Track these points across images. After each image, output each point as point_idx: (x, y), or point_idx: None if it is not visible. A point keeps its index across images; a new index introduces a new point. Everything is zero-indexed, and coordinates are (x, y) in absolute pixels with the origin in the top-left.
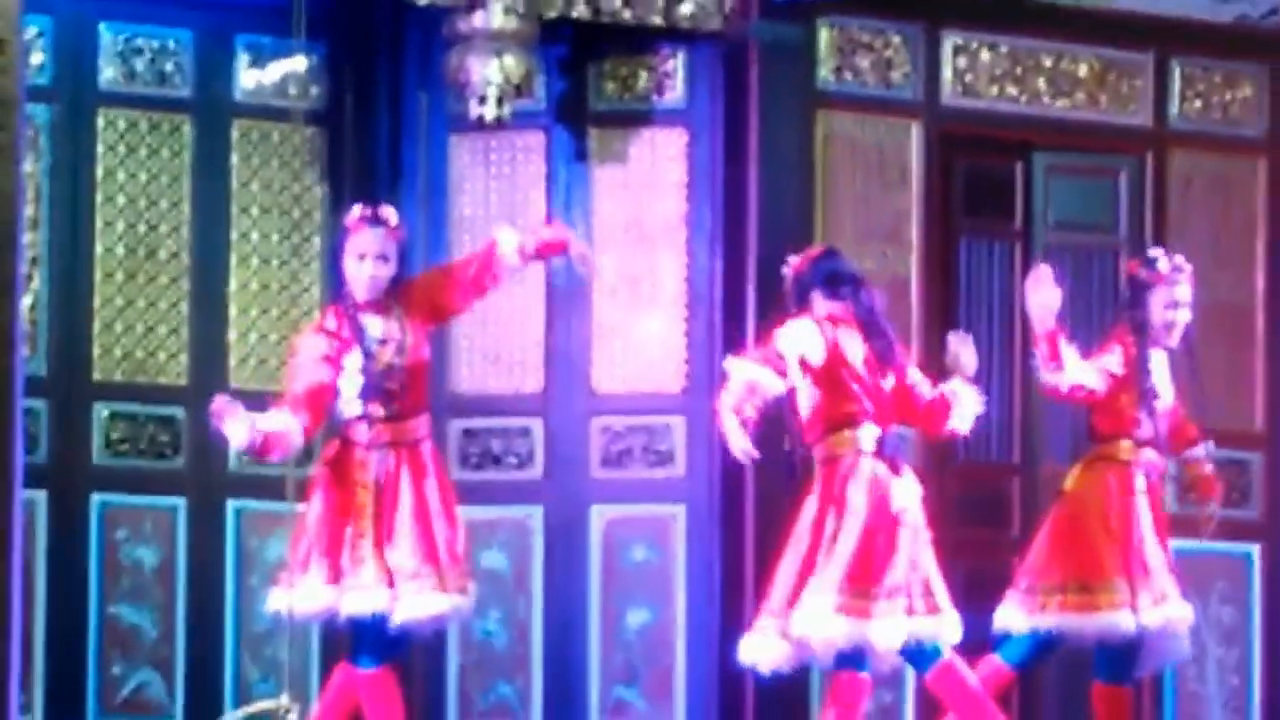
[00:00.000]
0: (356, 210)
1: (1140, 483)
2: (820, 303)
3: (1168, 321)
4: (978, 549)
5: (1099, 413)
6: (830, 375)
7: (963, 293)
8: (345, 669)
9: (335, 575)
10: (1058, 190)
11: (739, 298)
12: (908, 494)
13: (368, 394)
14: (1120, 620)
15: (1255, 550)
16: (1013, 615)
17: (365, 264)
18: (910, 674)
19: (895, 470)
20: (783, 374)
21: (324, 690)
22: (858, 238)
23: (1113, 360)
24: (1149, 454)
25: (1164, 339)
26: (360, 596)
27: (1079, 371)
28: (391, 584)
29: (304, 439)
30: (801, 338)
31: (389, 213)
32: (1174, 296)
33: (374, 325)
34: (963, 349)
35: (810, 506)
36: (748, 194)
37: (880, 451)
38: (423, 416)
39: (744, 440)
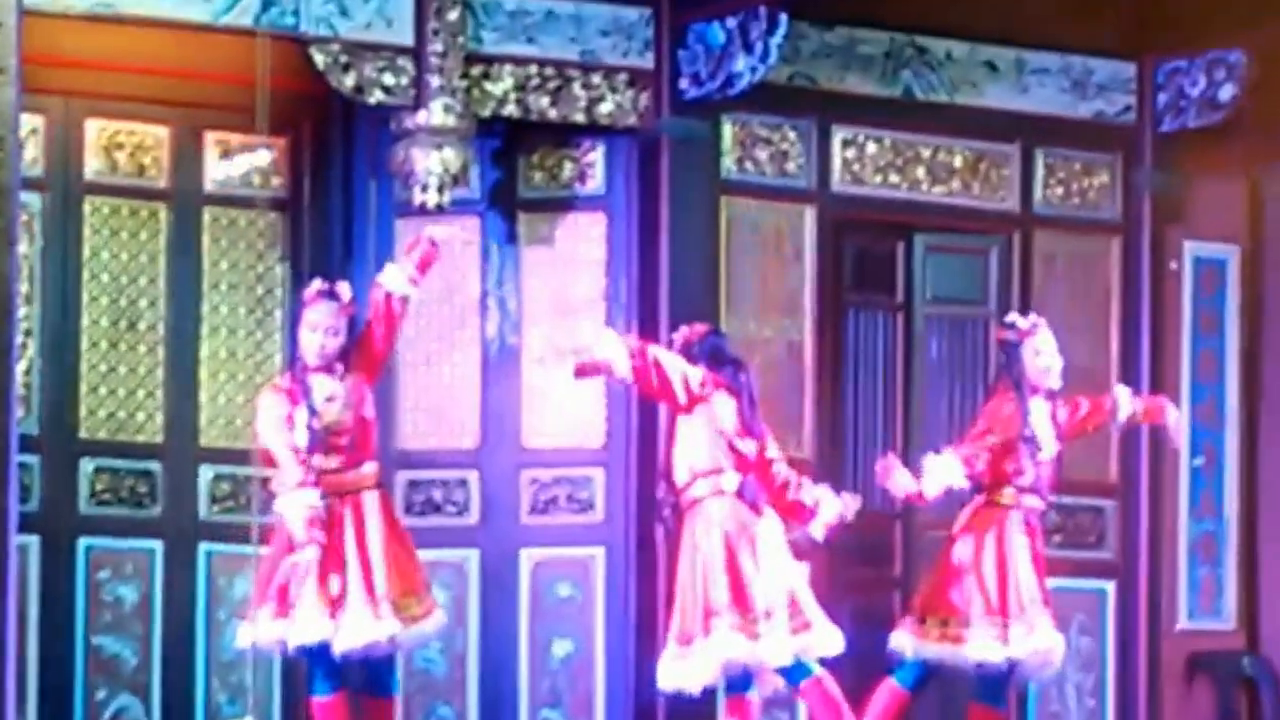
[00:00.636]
0: (315, 285)
1: (1018, 525)
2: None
3: (1039, 369)
4: (863, 586)
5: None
6: (698, 424)
7: (850, 357)
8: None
9: (284, 610)
10: (935, 267)
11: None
12: (770, 528)
13: (313, 447)
14: (990, 653)
15: (1110, 587)
16: (904, 641)
17: (316, 335)
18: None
19: (757, 511)
20: (646, 373)
21: None
22: (757, 309)
23: (988, 438)
24: (1029, 499)
25: (1041, 386)
26: (303, 628)
27: (938, 482)
28: (333, 615)
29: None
30: (685, 367)
31: (343, 289)
32: (1038, 346)
33: (321, 385)
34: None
35: (687, 545)
36: (660, 271)
37: (741, 494)
38: (368, 466)
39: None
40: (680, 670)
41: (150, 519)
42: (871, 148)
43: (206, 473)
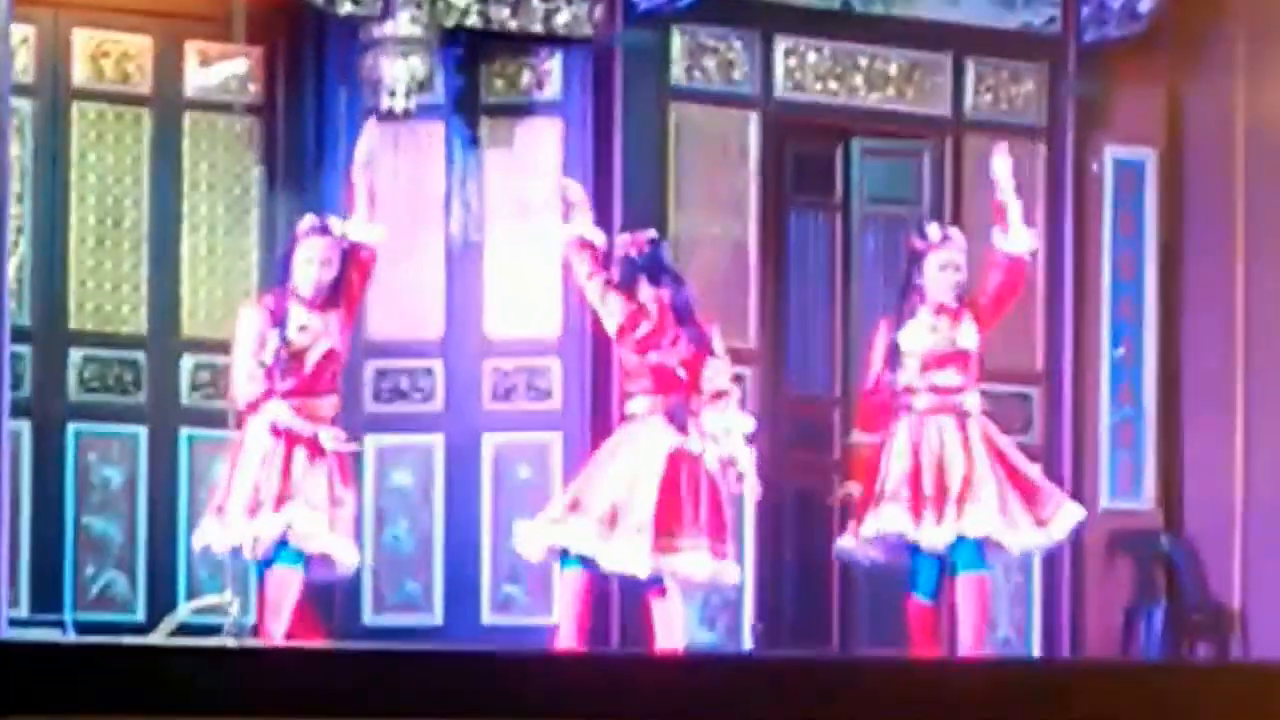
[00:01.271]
0: (307, 221)
1: (950, 423)
2: (644, 287)
3: (941, 284)
4: (804, 468)
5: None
6: (634, 345)
7: (791, 254)
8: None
9: (253, 511)
10: (871, 169)
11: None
12: (695, 445)
13: (274, 369)
14: (934, 538)
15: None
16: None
17: (312, 267)
18: None
19: (683, 430)
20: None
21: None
22: (704, 210)
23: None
24: (953, 398)
25: (939, 298)
26: (269, 526)
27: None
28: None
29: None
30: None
31: (333, 223)
32: (942, 260)
33: (298, 314)
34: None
35: (611, 446)
36: (613, 173)
37: (671, 416)
38: (328, 399)
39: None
40: (532, 531)
41: (135, 405)
42: (812, 57)
43: (188, 361)
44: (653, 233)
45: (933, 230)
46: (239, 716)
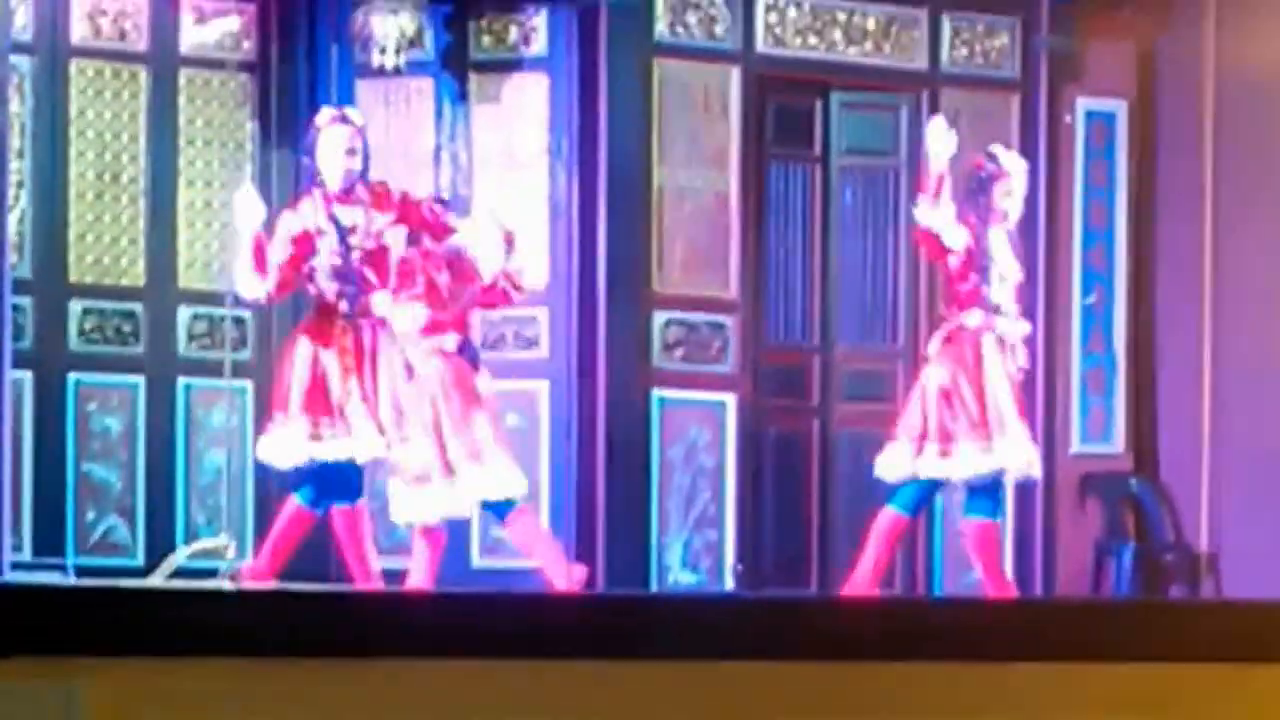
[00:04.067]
0: (327, 112)
1: (991, 345)
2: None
3: (1003, 207)
4: (784, 415)
5: (953, 286)
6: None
7: (772, 206)
8: (298, 510)
9: (316, 429)
10: (850, 122)
11: (591, 212)
12: (486, 382)
13: (343, 273)
14: (978, 466)
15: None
16: (898, 463)
17: (338, 156)
18: None
19: (475, 366)
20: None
21: (276, 525)
22: (687, 162)
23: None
24: (1000, 321)
25: (1000, 220)
26: (348, 444)
27: (944, 220)
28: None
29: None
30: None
31: (353, 113)
32: (1010, 187)
33: (344, 214)
34: None
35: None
36: (598, 127)
37: (461, 351)
38: (385, 293)
39: None
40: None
41: (134, 355)
42: (792, 12)
43: (184, 313)
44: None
45: (1004, 156)
46: (236, 656)
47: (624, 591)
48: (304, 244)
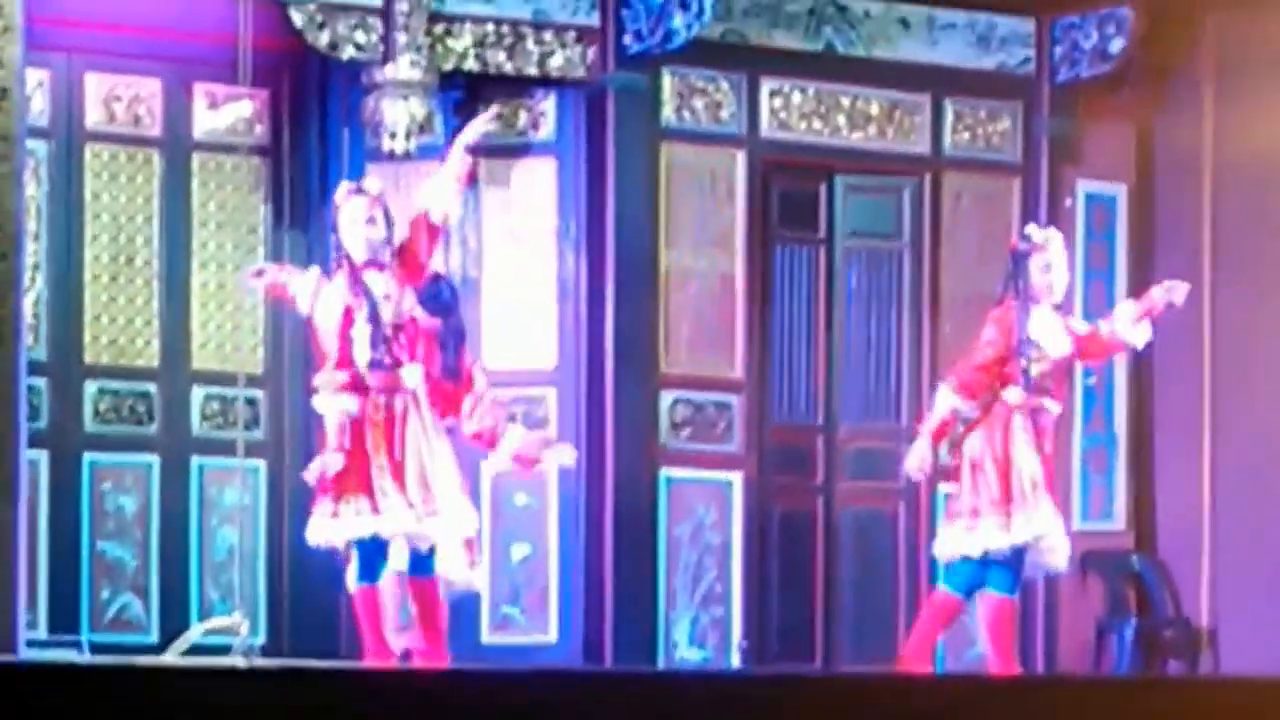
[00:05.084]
0: (344, 186)
1: (1023, 421)
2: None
3: (1044, 283)
4: (789, 493)
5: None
6: None
7: (778, 287)
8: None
9: (374, 506)
10: (854, 205)
11: (600, 293)
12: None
13: (376, 344)
14: (995, 540)
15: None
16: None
17: (359, 227)
18: None
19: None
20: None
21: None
22: (694, 244)
23: (981, 353)
24: (1039, 399)
25: (1043, 297)
26: (347, 523)
27: (937, 415)
28: (375, 509)
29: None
30: None
31: (370, 184)
32: (1048, 261)
33: (375, 283)
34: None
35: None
36: (606, 209)
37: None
38: (416, 365)
39: None
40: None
41: (148, 435)
42: (797, 97)
43: (198, 393)
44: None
45: (1036, 233)
46: None
47: (631, 667)
48: (345, 317)
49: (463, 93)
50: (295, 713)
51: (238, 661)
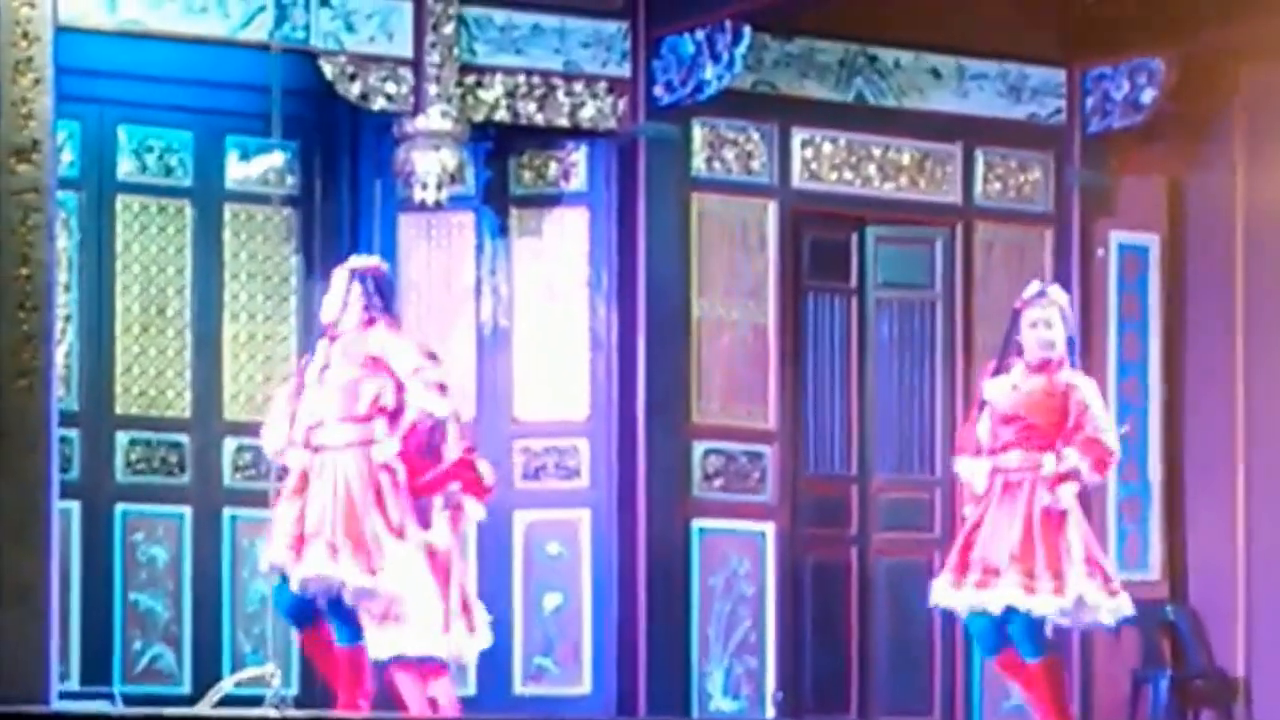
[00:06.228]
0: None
1: (1038, 483)
2: None
3: (1033, 339)
4: (822, 544)
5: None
6: None
7: (809, 337)
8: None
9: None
10: (885, 256)
11: (631, 343)
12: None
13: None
14: (1017, 601)
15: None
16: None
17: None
18: None
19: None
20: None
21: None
22: (725, 294)
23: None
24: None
25: (1034, 355)
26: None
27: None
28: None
29: None
30: None
31: (359, 260)
32: (1034, 317)
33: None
34: None
35: None
36: (637, 260)
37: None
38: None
39: None
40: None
41: (180, 486)
42: (828, 148)
43: (230, 444)
44: None
45: (1029, 289)
46: None
47: (666, 718)
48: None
49: (493, 144)
50: None
51: (270, 713)
